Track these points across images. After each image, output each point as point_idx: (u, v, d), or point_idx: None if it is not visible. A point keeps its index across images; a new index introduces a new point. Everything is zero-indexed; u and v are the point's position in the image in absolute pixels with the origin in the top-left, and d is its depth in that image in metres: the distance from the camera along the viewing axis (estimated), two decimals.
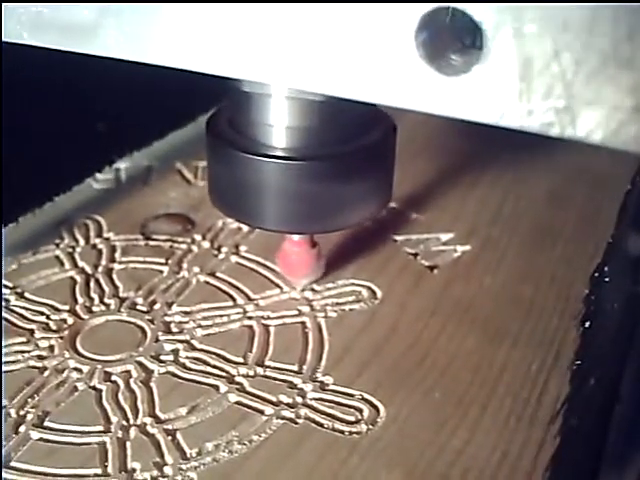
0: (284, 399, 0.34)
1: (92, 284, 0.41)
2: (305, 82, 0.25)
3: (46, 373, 0.36)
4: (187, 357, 0.36)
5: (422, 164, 0.38)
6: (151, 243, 0.45)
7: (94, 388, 0.35)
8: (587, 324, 0.37)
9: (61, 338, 0.37)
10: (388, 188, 0.39)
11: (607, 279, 0.39)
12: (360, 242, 0.44)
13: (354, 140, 0.36)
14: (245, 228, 0.45)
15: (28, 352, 0.37)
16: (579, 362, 0.35)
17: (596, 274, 0.40)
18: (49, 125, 0.45)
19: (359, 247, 0.43)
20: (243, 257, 0.43)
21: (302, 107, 0.34)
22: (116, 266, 0.43)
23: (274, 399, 0.34)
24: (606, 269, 0.40)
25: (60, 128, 0.45)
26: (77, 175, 0.49)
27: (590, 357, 0.36)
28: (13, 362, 0.36)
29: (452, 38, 0.22)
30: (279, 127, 0.35)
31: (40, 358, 0.36)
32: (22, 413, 0.33)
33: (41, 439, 0.32)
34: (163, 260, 0.43)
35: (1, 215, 0.42)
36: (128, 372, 0.36)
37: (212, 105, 0.41)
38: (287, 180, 0.35)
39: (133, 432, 0.33)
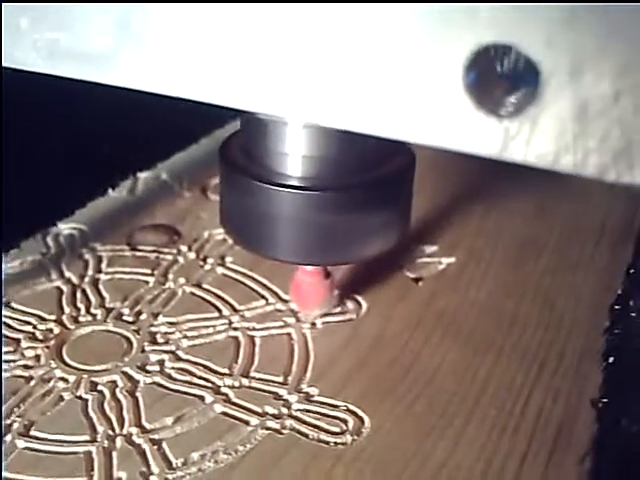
0: (269, 410, 0.34)
1: (78, 294, 0.41)
2: (348, 122, 0.24)
3: (32, 382, 0.36)
4: (173, 367, 0.37)
5: None
6: (137, 254, 0.45)
7: (80, 398, 0.35)
8: (611, 359, 0.37)
9: (47, 348, 0.38)
10: (406, 219, 0.39)
11: (633, 314, 0.39)
12: None
13: (372, 170, 0.35)
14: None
15: (14, 361, 0.37)
16: (606, 400, 0.35)
17: (617, 306, 0.40)
18: (54, 151, 0.45)
19: None
20: (229, 268, 0.44)
21: (319, 136, 0.34)
22: (102, 276, 0.43)
23: (259, 410, 0.34)
24: (631, 303, 0.39)
25: (62, 153, 0.45)
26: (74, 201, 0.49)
27: (620, 395, 0.35)
28: None
29: (502, 77, 0.21)
30: (295, 156, 0.35)
31: (26, 367, 0.36)
32: (8, 422, 0.33)
33: (27, 448, 0.32)
34: (149, 271, 0.43)
35: (1, 234, 0.42)
36: (114, 382, 0.36)
37: (213, 127, 0.40)
38: (302, 210, 0.35)
39: (119, 442, 0.33)
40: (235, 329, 0.39)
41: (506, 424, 0.34)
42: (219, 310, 0.40)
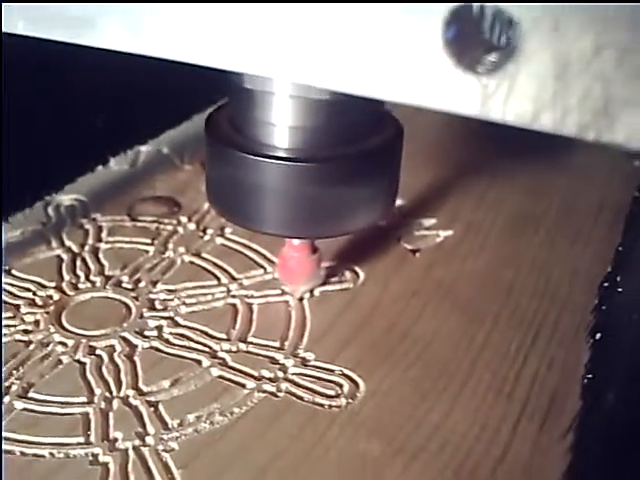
0: (266, 374, 0.35)
1: (78, 262, 0.42)
2: (324, 79, 0.23)
3: (31, 346, 0.36)
4: (171, 333, 0.37)
5: (406, 152, 0.39)
6: (138, 224, 0.45)
7: (78, 361, 0.35)
8: (598, 336, 0.36)
9: (47, 313, 0.38)
10: (393, 192, 0.38)
11: (620, 289, 0.38)
12: None
13: (360, 142, 0.35)
14: None
15: (14, 326, 0.37)
16: (590, 376, 0.34)
17: (606, 284, 0.39)
18: (46, 122, 0.45)
19: None
20: (228, 239, 0.44)
21: (306, 106, 0.33)
22: (102, 245, 0.43)
23: (256, 373, 0.35)
24: (618, 279, 0.39)
25: (56, 124, 0.46)
26: (73, 171, 0.49)
27: (606, 370, 0.35)
28: None
29: (482, 34, 0.20)
30: (282, 126, 0.34)
31: (25, 332, 0.37)
32: (7, 384, 0.34)
33: (25, 409, 0.33)
34: (149, 240, 0.44)
35: (1, 210, 0.42)
36: (112, 346, 0.36)
37: (211, 103, 0.40)
38: (289, 182, 0.34)
39: (116, 403, 0.33)
40: (233, 297, 0.39)
41: (501, 389, 0.34)
42: (218, 278, 0.41)
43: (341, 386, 0.34)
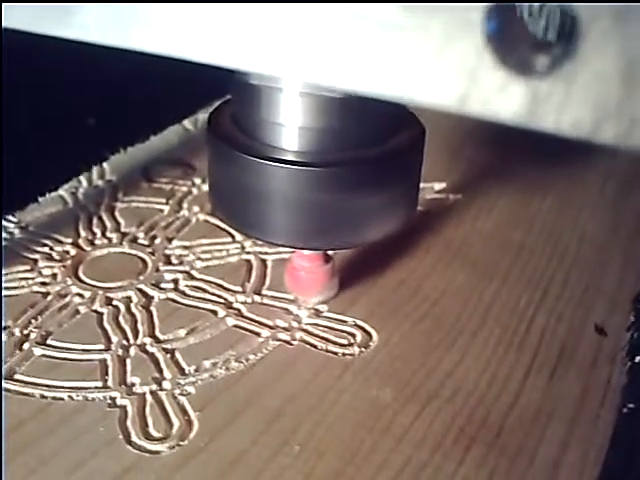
0: (280, 323, 0.35)
1: (95, 220, 0.42)
2: (342, 80, 0.20)
3: (49, 297, 0.37)
4: (187, 285, 0.38)
5: None
6: (153, 185, 0.46)
7: (96, 311, 0.36)
8: (638, 359, 0.33)
9: (64, 267, 0.39)
10: (413, 198, 0.35)
11: None
12: None
13: (377, 144, 0.32)
14: None
15: (32, 279, 0.38)
16: (632, 406, 0.31)
17: None
18: (40, 121, 0.45)
19: None
20: None
21: (319, 105, 0.30)
22: (118, 205, 0.44)
23: (271, 323, 0.35)
24: None
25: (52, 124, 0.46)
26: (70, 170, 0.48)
27: None
28: (17, 288, 0.37)
29: (532, 28, 0.17)
30: (291, 127, 0.31)
31: (43, 284, 0.37)
32: (26, 332, 0.34)
33: (44, 355, 0.33)
34: (164, 200, 0.44)
35: (1, 207, 0.42)
36: (129, 298, 0.37)
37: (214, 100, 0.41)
38: (299, 189, 0.31)
39: (133, 350, 0.34)
40: (248, 253, 0.40)
41: (511, 341, 0.35)
42: (232, 236, 0.41)
43: (354, 336, 0.35)
